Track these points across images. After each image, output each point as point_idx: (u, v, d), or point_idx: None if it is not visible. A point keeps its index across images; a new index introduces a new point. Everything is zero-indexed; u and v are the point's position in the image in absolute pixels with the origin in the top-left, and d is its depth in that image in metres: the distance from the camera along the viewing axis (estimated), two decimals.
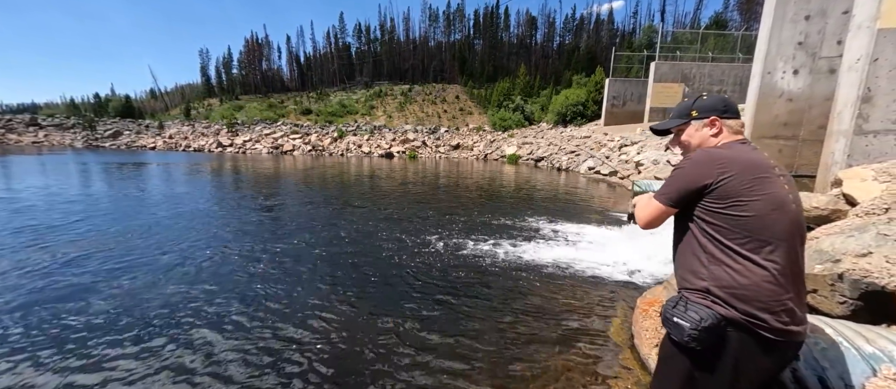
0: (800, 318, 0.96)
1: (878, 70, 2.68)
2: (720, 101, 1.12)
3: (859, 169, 2.44)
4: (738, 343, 0.94)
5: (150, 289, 3.33)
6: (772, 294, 0.92)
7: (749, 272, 0.93)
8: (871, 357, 1.18)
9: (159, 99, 62.10)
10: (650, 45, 26.74)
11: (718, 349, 0.95)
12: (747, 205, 0.94)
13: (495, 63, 54.72)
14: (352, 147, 27.01)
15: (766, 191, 0.95)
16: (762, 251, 0.94)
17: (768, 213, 0.94)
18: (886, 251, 1.67)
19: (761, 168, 0.98)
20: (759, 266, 0.93)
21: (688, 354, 0.99)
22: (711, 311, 0.94)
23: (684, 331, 0.95)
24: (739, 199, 0.95)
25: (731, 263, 0.95)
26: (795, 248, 0.96)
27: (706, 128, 1.11)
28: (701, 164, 1.01)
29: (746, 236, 0.94)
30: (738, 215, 0.95)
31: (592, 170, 14.17)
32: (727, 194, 0.96)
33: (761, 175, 0.97)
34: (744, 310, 0.93)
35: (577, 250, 4.65)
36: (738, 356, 0.94)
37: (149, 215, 6.29)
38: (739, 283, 0.93)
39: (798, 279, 0.97)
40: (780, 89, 4.65)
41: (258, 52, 58.38)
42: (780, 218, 0.94)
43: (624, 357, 2.39)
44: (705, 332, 0.92)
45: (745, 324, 0.93)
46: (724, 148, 1.05)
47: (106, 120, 35.98)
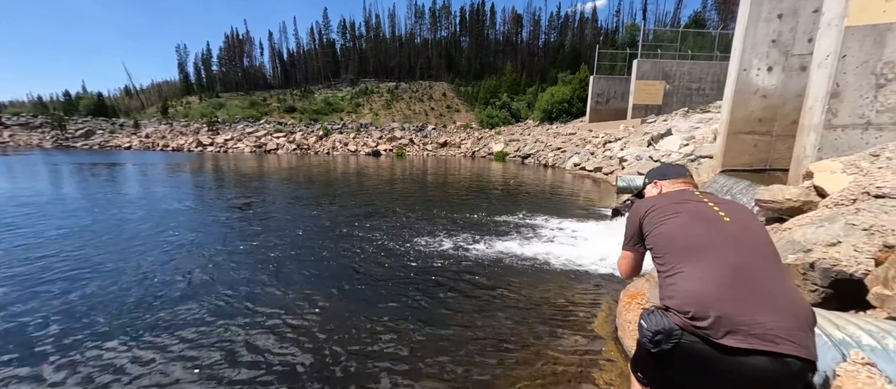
0: (760, 327, 0.93)
1: (845, 66, 2.78)
2: (660, 171, 1.55)
3: (829, 162, 2.53)
4: (695, 351, 0.98)
5: (121, 292, 3.18)
6: (710, 299, 0.99)
7: (684, 282, 1.06)
8: (840, 343, 1.22)
9: (135, 97, 59.64)
10: (633, 43, 27.29)
11: (677, 355, 1.01)
12: (667, 226, 1.19)
13: (482, 61, 54.87)
14: (338, 146, 26.61)
15: (681, 211, 1.20)
16: (690, 263, 1.08)
17: (686, 230, 1.15)
18: (854, 240, 1.73)
19: (679, 197, 1.28)
20: (690, 275, 1.06)
21: (651, 357, 1.08)
22: (666, 319, 1.03)
23: (643, 332, 1.07)
24: (662, 224, 1.21)
25: (671, 277, 1.10)
26: (731, 258, 1.05)
27: (653, 188, 1.52)
28: (633, 210, 1.37)
29: (674, 253, 1.13)
30: (663, 237, 1.19)
31: (578, 166, 14.38)
32: (652, 223, 1.24)
33: (678, 201, 1.25)
34: (689, 315, 1.00)
35: (562, 244, 4.70)
36: (699, 364, 0.98)
37: (122, 214, 6.02)
38: (679, 291, 1.05)
39: (744, 285, 1.00)
40: (755, 86, 4.80)
41: (239, 48, 56.79)
42: (699, 232, 1.13)
43: (607, 349, 2.42)
44: (659, 334, 1.02)
45: (693, 330, 0.98)
46: (655, 195, 1.42)
47: (77, 119, 34.36)
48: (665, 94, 18.64)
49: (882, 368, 1.14)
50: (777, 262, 1.09)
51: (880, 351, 1.18)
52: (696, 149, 9.73)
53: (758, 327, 0.94)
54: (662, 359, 1.04)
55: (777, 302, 0.99)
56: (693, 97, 18.47)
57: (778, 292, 1.01)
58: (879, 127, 2.74)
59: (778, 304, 0.99)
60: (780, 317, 0.96)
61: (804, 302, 1.04)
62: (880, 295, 1.40)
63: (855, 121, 2.83)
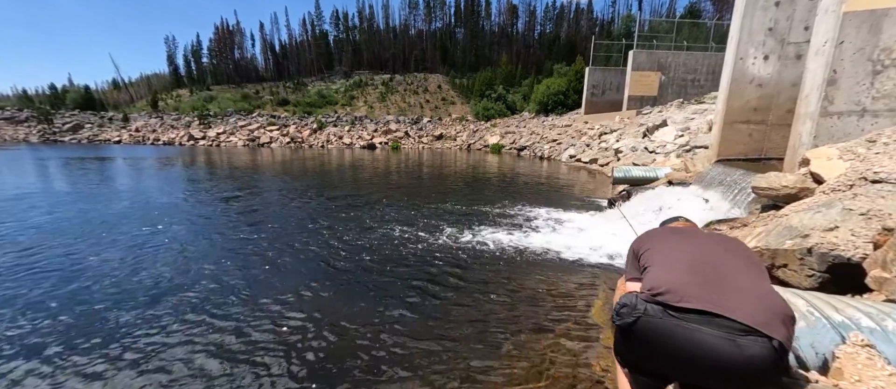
0: (717, 299, 1.03)
1: (842, 53, 2.77)
2: (666, 219, 1.71)
3: (825, 149, 2.54)
4: (654, 322, 1.07)
5: (106, 288, 3.12)
6: (672, 279, 1.13)
7: (651, 273, 1.23)
8: (840, 325, 1.21)
9: (123, 90, 58.36)
10: (628, 34, 27.21)
11: (639, 327, 1.10)
12: (655, 247, 1.35)
13: (477, 52, 54.39)
14: (332, 139, 26.37)
15: (672, 238, 1.37)
16: (660, 262, 1.25)
17: (667, 245, 1.33)
18: (852, 225, 1.73)
19: (675, 228, 1.50)
20: (657, 268, 1.23)
21: (621, 334, 1.19)
22: (631, 296, 1.15)
23: (613, 309, 1.19)
24: (652, 247, 1.36)
25: (643, 274, 1.28)
26: (701, 256, 1.21)
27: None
28: (634, 244, 1.47)
29: (651, 261, 1.29)
30: (649, 254, 1.33)
31: (573, 158, 14.40)
32: (645, 248, 1.38)
33: (672, 231, 1.45)
34: (651, 289, 1.12)
35: (559, 235, 4.70)
36: (658, 334, 1.06)
37: (112, 210, 5.91)
38: (646, 280, 1.21)
39: (709, 274, 1.13)
40: (751, 75, 4.79)
41: (230, 39, 55.65)
42: (676, 241, 1.33)
43: (605, 337, 2.42)
44: (624, 307, 1.13)
45: (652, 299, 1.10)
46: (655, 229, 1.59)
47: (64, 113, 33.57)
48: (660, 85, 18.65)
49: (881, 349, 1.14)
50: (756, 267, 1.19)
51: (879, 333, 1.18)
52: (690, 140, 9.78)
53: (714, 298, 1.03)
54: (629, 334, 1.12)
55: (744, 291, 1.05)
56: (688, 88, 18.51)
57: (750, 286, 1.08)
58: (875, 114, 2.75)
59: (745, 292, 1.05)
60: (744, 301, 1.02)
61: (780, 300, 1.07)
62: (878, 278, 1.40)
63: (851, 108, 2.83)
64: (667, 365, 1.11)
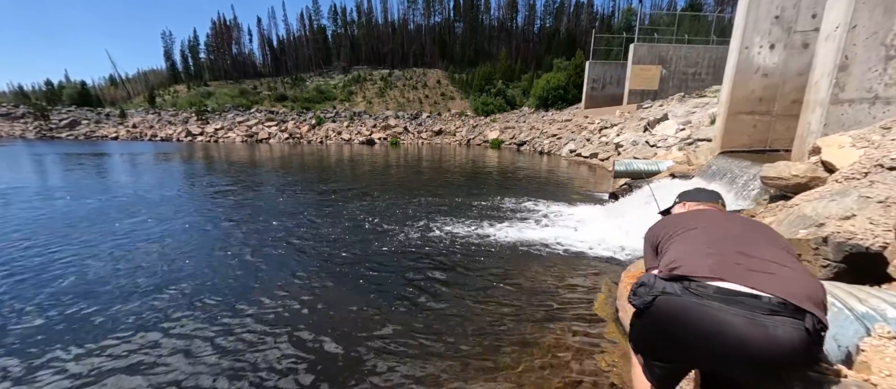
0: (742, 271, 0.96)
1: (855, 38, 2.68)
2: (694, 193, 1.56)
3: (837, 137, 2.46)
4: (675, 301, 0.99)
5: (105, 283, 3.05)
6: (695, 256, 1.05)
7: (670, 253, 1.13)
8: (864, 316, 1.14)
9: (120, 86, 57.96)
10: (629, 27, 26.98)
11: (659, 308, 1.01)
12: (678, 234, 1.22)
13: (476, 47, 54.02)
14: (331, 134, 26.23)
15: (696, 223, 1.23)
16: (680, 243, 1.15)
17: (688, 228, 1.20)
18: (869, 213, 1.65)
19: (697, 212, 1.37)
20: (675, 249, 1.14)
21: (638, 318, 1.10)
22: (649, 276, 1.08)
23: (631, 290, 1.10)
24: (673, 235, 1.23)
25: (661, 257, 1.19)
26: (725, 235, 1.12)
27: (681, 208, 1.55)
28: (651, 232, 1.38)
29: (670, 244, 1.19)
30: (670, 242, 1.21)
31: (574, 152, 14.31)
32: (667, 237, 1.25)
33: (694, 216, 1.31)
34: (671, 267, 1.05)
35: (560, 229, 4.63)
36: (678, 314, 0.97)
37: (114, 204, 5.83)
38: (665, 260, 1.11)
39: (735, 252, 1.04)
40: (756, 65, 4.70)
41: (227, 35, 55.21)
42: (699, 224, 1.21)
43: (609, 331, 2.36)
44: (642, 286, 1.05)
45: (673, 275, 1.02)
46: (675, 214, 1.48)
47: (60, 109, 33.33)
48: (661, 79, 18.51)
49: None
50: (784, 246, 1.09)
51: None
52: (692, 133, 9.69)
53: (738, 273, 0.95)
54: (646, 314, 1.04)
55: (772, 268, 0.96)
56: (689, 82, 18.37)
57: (778, 263, 0.98)
58: (888, 101, 2.66)
59: (772, 269, 0.95)
60: (772, 277, 0.93)
61: (813, 279, 0.98)
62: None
63: (862, 95, 2.74)
64: (686, 350, 1.02)
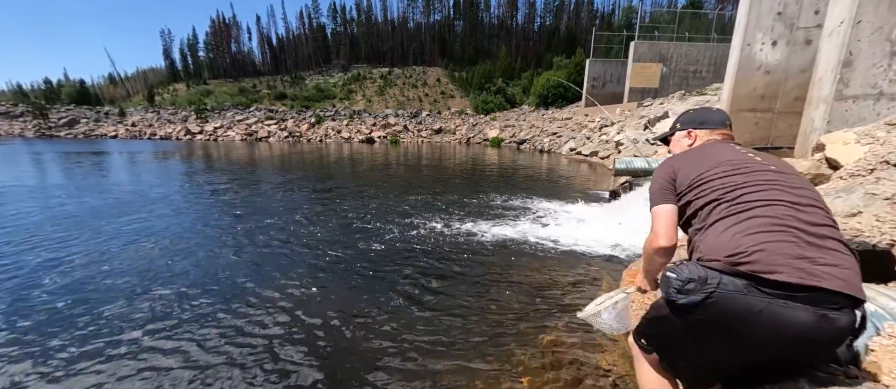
0: (807, 261, 0.84)
1: (860, 33, 2.64)
2: (699, 116, 1.32)
3: (841, 133, 2.42)
4: (734, 300, 0.85)
5: (110, 279, 3.02)
6: (754, 242, 0.89)
7: (722, 231, 0.96)
8: (873, 315, 1.12)
9: (119, 85, 57.83)
10: (629, 25, 26.89)
11: (710, 308, 0.88)
12: (705, 178, 1.07)
13: (476, 45, 53.89)
14: (331, 133, 26.17)
15: (722, 162, 1.08)
16: (731, 213, 0.97)
17: (726, 181, 1.03)
18: (875, 210, 1.62)
19: (719, 148, 1.16)
20: (728, 225, 0.96)
21: (676, 312, 0.95)
22: (700, 267, 0.91)
23: (670, 283, 0.93)
24: (700, 177, 1.08)
25: (707, 230, 1.00)
26: (777, 203, 0.95)
27: (685, 138, 1.33)
28: (665, 163, 1.22)
29: (712, 205, 1.02)
30: (700, 190, 1.07)
31: (574, 151, 14.28)
32: (688, 176, 1.11)
33: (717, 152, 1.13)
34: (730, 256, 0.89)
35: (561, 227, 4.61)
36: (735, 315, 0.86)
37: (114, 202, 5.80)
38: (718, 240, 0.95)
39: (792, 229, 0.90)
40: (758, 62, 4.66)
41: (226, 33, 55.06)
42: (741, 182, 1.01)
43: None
44: (690, 282, 0.89)
45: (735, 270, 0.87)
46: (691, 148, 1.28)
47: (59, 107, 33.25)
48: (662, 77, 18.45)
49: None
50: (826, 210, 0.98)
51: None
52: None
53: (806, 265, 0.84)
54: (691, 314, 0.91)
55: (832, 250, 0.88)
56: (690, 80, 18.31)
57: (835, 240, 0.90)
58: (892, 97, 2.63)
59: (833, 251, 0.88)
60: (836, 264, 0.85)
61: (854, 256, 0.93)
62: None
63: (867, 91, 2.71)
64: (731, 353, 0.91)
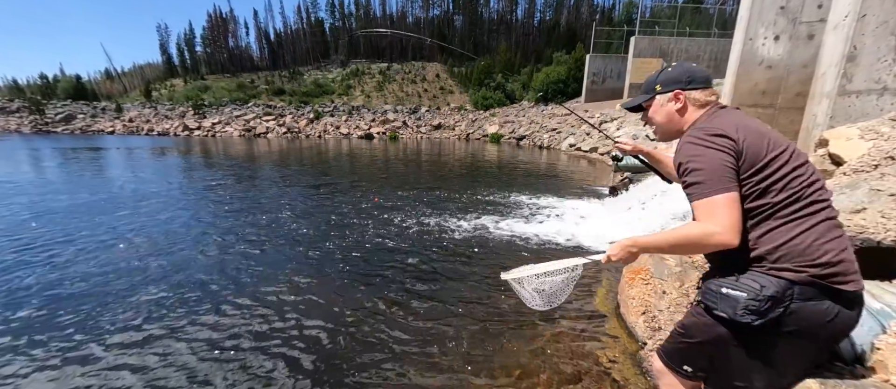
0: (853, 265, 0.85)
1: (864, 27, 2.61)
2: (684, 71, 1.02)
3: (844, 129, 2.40)
4: (812, 311, 0.82)
5: (122, 276, 3.00)
6: (830, 245, 0.82)
7: (798, 230, 0.84)
8: (878, 313, 1.10)
9: (116, 80, 57.41)
10: (630, 20, 26.75)
11: (780, 320, 0.83)
12: (773, 157, 0.87)
13: (476, 40, 53.55)
14: (329, 129, 26.05)
15: (775, 138, 0.92)
16: (800, 207, 0.85)
17: (789, 166, 0.87)
18: (880, 206, 1.60)
19: (749, 119, 0.97)
20: (802, 221, 0.84)
21: (737, 331, 0.87)
22: (774, 280, 0.82)
23: (741, 304, 0.84)
24: (770, 155, 0.87)
25: (782, 226, 0.86)
26: (827, 199, 0.90)
27: (670, 103, 1.03)
28: (710, 137, 0.91)
29: (781, 196, 0.86)
30: (769, 172, 0.87)
31: (573, 147, 14.24)
32: (758, 155, 0.87)
33: (747, 120, 0.95)
34: (811, 265, 0.81)
35: (560, 223, 4.59)
36: (812, 326, 0.83)
37: (112, 199, 5.76)
38: (799, 242, 0.83)
39: (837, 225, 0.89)
40: (760, 57, 4.61)
41: (223, 28, 54.55)
42: (800, 171, 0.88)
43: (610, 327, 2.33)
44: (769, 301, 0.81)
45: (813, 280, 0.81)
46: (728, 111, 0.98)
47: (56, 103, 32.97)
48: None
49: None
50: None
51: None
52: None
53: (855, 267, 0.84)
54: (759, 334, 0.84)
55: (852, 252, 0.87)
56: None
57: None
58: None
59: (849, 246, 0.87)
60: (856, 262, 0.86)
61: None
62: None
63: (870, 86, 2.68)
64: (795, 363, 0.89)
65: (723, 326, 0.88)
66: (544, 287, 1.15)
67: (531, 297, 1.16)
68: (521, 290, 1.18)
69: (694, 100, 1.00)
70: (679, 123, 1.03)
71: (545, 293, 1.15)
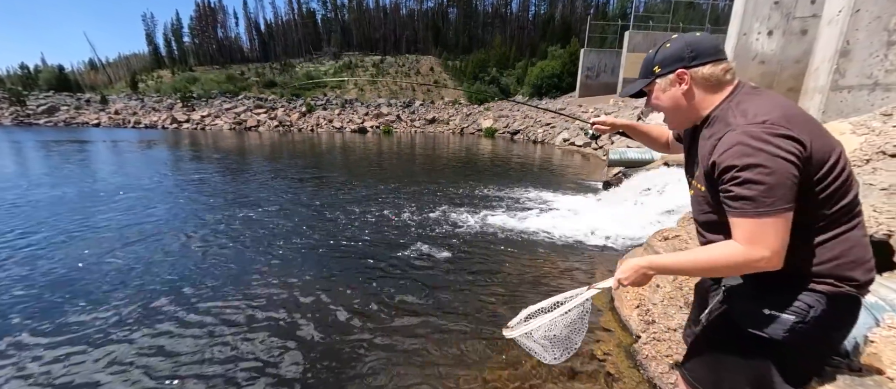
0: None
1: (858, 22, 2.62)
2: (686, 45, 0.85)
3: (836, 123, 2.42)
4: (837, 312, 0.81)
5: (97, 271, 2.91)
6: (866, 253, 0.81)
7: (844, 238, 0.79)
8: (873, 306, 1.11)
9: (101, 71, 55.82)
10: (624, 15, 26.75)
11: (820, 337, 0.82)
12: (830, 156, 0.77)
13: (470, 34, 53.14)
14: (322, 122, 25.72)
15: (810, 119, 0.81)
16: (847, 211, 0.79)
17: (839, 164, 0.77)
18: (873, 201, 1.62)
19: (788, 101, 0.85)
20: (847, 227, 0.79)
21: (777, 349, 0.83)
22: (810, 297, 0.79)
23: (786, 325, 0.80)
24: (832, 159, 0.77)
25: (830, 236, 0.79)
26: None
27: (674, 86, 0.88)
28: (770, 137, 0.74)
29: (835, 202, 0.77)
30: (833, 180, 0.77)
31: (567, 141, 14.28)
32: (823, 161, 0.76)
33: (797, 107, 0.84)
34: (846, 278, 0.78)
35: (554, 218, 4.60)
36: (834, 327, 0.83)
37: (99, 193, 5.60)
38: (845, 253, 0.79)
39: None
40: (754, 51, 4.65)
41: (212, 18, 53.25)
42: (848, 170, 0.81)
43: (604, 320, 2.34)
44: (801, 323, 0.78)
45: (843, 292, 0.79)
46: (757, 103, 0.79)
47: (38, 94, 31.97)
48: None
49: None
50: None
51: None
52: None
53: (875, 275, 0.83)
54: (800, 350, 0.83)
55: None
56: None
57: None
58: (887, 88, 2.63)
59: None
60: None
61: None
62: None
63: (862, 81, 2.71)
64: (820, 361, 0.93)
65: (758, 346, 0.84)
66: (554, 332, 1.00)
67: (543, 348, 1.01)
68: (533, 344, 1.03)
69: (703, 79, 0.84)
70: (692, 108, 0.87)
71: (559, 339, 1.01)
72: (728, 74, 0.85)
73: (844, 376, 0.90)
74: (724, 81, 0.85)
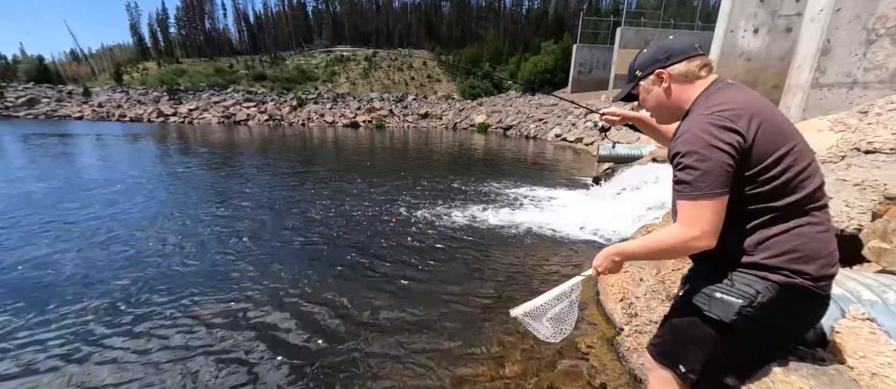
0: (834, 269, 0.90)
1: (838, 20, 2.68)
2: (660, 49, 0.94)
3: (816, 121, 2.48)
4: (787, 304, 0.85)
5: (96, 273, 2.85)
6: (819, 245, 0.84)
7: (800, 238, 0.83)
8: (839, 298, 1.15)
9: (83, 62, 54.16)
10: (617, 11, 26.84)
11: (770, 324, 0.87)
12: (775, 146, 0.83)
13: (464, 28, 52.81)
14: (313, 117, 25.39)
15: (780, 120, 0.87)
16: (794, 199, 0.82)
17: (789, 151, 0.83)
18: (845, 196, 1.66)
19: (751, 94, 0.91)
20: (794, 218, 0.83)
21: (728, 332, 0.88)
22: (758, 283, 0.83)
23: (734, 309, 0.84)
24: (775, 144, 0.82)
25: (775, 224, 0.84)
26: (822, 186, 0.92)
27: (655, 86, 0.96)
28: (709, 126, 0.82)
29: (779, 188, 0.83)
30: (773, 166, 0.83)
31: (559, 137, 14.36)
32: (765, 148, 0.81)
33: (760, 99, 0.88)
34: (796, 270, 0.82)
35: (544, 212, 4.64)
36: (784, 316, 0.88)
37: (84, 189, 5.46)
38: (786, 241, 0.83)
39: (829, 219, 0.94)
40: (740, 49, 4.71)
41: (199, 8, 51.90)
42: (804, 157, 0.86)
43: (589, 314, 2.38)
44: (749, 307, 0.83)
45: (796, 284, 0.83)
46: (719, 97, 0.85)
47: (17, 86, 30.91)
48: None
49: (881, 322, 1.08)
50: None
51: (880, 306, 1.12)
52: None
53: (838, 271, 0.88)
54: (750, 334, 0.88)
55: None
56: None
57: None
58: (865, 85, 2.70)
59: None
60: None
61: None
62: (877, 249, 1.34)
63: (841, 79, 2.77)
64: (778, 339, 0.99)
65: (712, 327, 0.88)
66: (551, 314, 1.16)
67: (545, 328, 1.17)
68: (535, 324, 1.18)
69: (679, 75, 0.91)
70: (673, 103, 0.94)
71: (555, 320, 1.16)
72: (703, 70, 0.91)
73: (808, 365, 0.93)
74: (699, 76, 0.91)
